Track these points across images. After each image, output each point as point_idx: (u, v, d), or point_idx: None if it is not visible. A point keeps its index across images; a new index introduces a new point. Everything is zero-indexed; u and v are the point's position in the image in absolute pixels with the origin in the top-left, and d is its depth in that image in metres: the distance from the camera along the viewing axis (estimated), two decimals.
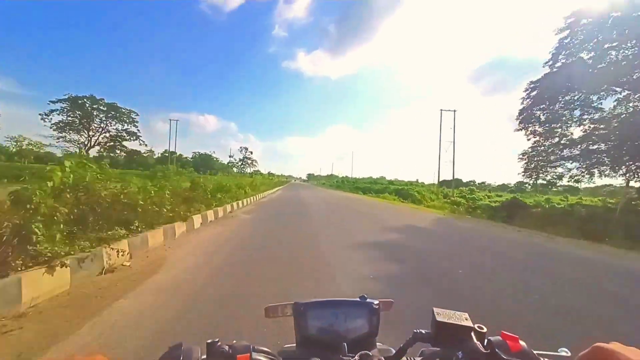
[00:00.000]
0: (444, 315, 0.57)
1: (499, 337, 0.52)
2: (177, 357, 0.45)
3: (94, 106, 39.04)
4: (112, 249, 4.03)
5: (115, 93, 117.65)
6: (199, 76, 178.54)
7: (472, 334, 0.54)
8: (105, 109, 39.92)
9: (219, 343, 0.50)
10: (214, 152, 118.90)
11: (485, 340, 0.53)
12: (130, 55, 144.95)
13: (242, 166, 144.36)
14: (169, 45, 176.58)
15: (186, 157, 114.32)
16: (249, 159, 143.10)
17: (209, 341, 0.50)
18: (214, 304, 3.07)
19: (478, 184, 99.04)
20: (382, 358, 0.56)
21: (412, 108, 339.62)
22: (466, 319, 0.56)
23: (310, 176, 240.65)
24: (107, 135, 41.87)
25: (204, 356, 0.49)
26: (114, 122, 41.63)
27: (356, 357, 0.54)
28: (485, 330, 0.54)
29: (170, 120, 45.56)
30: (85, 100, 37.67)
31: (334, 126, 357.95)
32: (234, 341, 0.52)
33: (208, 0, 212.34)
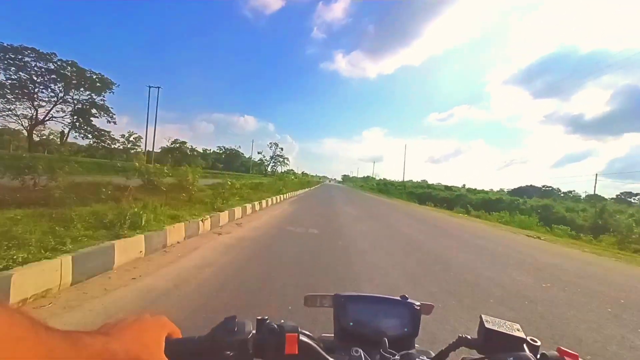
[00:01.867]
0: (493, 323, 0.54)
1: (555, 353, 0.47)
2: (232, 329, 0.48)
3: (42, 65, 27.00)
4: None
5: (160, 97, 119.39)
6: (240, 78, 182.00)
7: (525, 345, 0.50)
8: (55, 67, 27.52)
9: (268, 320, 0.52)
10: (239, 146, 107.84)
11: (539, 354, 0.48)
12: (173, 59, 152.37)
13: (274, 164, 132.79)
14: (212, 49, 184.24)
15: (209, 151, 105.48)
16: (281, 156, 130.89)
17: (259, 318, 0.52)
18: None
19: (563, 193, 75.22)
20: (425, 358, 0.57)
21: (454, 112, 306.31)
22: (518, 330, 0.53)
23: (346, 177, 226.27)
24: (68, 107, 29.77)
25: (254, 331, 0.50)
26: (75, 90, 29.34)
27: (397, 356, 0.55)
28: (539, 343, 0.50)
29: (149, 87, 32.71)
30: (24, 52, 25.76)
31: (370, 128, 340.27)
32: (282, 321, 0.53)
33: (250, 4, 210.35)
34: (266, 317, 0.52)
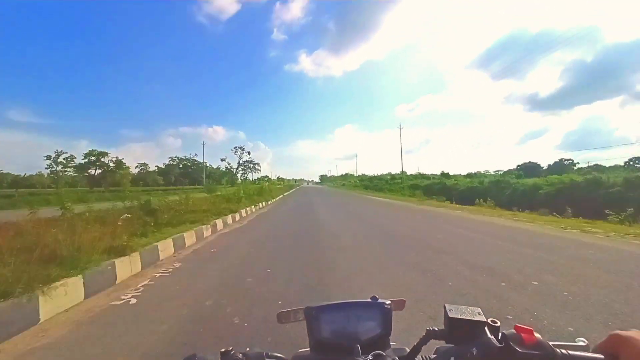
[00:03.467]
0: (456, 311, 0.55)
1: (513, 331, 0.50)
2: None
3: None
4: None
5: (123, 116, 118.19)
6: (204, 88, 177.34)
7: (486, 328, 0.52)
8: None
9: (233, 352, 0.51)
10: (195, 154, 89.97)
11: (500, 334, 0.51)
12: (133, 75, 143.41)
13: (243, 172, 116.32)
14: (172, 62, 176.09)
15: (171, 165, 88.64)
16: (250, 162, 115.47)
17: (223, 350, 0.51)
18: None
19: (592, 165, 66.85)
20: (396, 358, 0.57)
21: (420, 102, 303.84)
22: (479, 314, 0.55)
23: (324, 178, 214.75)
24: None
25: None
26: None
27: (369, 358, 0.54)
28: (498, 324, 0.53)
29: None
30: None
31: (342, 126, 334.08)
32: (247, 349, 0.53)
33: (204, 10, 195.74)
34: (230, 348, 0.51)
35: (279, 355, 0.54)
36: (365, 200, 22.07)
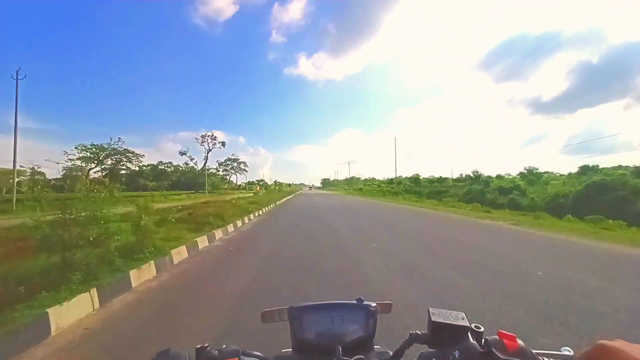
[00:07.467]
0: (439, 315, 0.54)
1: (495, 337, 0.49)
2: None
3: None
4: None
5: (122, 122, 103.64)
6: (203, 92, 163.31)
7: (469, 333, 0.52)
8: None
9: (208, 348, 0.50)
10: (118, 138, 53.83)
11: (483, 340, 0.50)
12: (132, 81, 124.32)
13: (225, 173, 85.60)
14: (170, 66, 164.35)
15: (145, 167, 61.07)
16: (234, 160, 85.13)
17: (198, 346, 0.50)
18: None
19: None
20: None
21: (423, 105, 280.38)
22: (462, 319, 0.54)
23: (326, 182, 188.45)
24: None
25: None
26: None
27: None
28: (482, 329, 0.52)
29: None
30: None
31: (343, 130, 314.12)
32: (224, 346, 0.51)
33: (200, 12, 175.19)
34: (206, 345, 0.50)
35: (255, 353, 0.53)
36: None
